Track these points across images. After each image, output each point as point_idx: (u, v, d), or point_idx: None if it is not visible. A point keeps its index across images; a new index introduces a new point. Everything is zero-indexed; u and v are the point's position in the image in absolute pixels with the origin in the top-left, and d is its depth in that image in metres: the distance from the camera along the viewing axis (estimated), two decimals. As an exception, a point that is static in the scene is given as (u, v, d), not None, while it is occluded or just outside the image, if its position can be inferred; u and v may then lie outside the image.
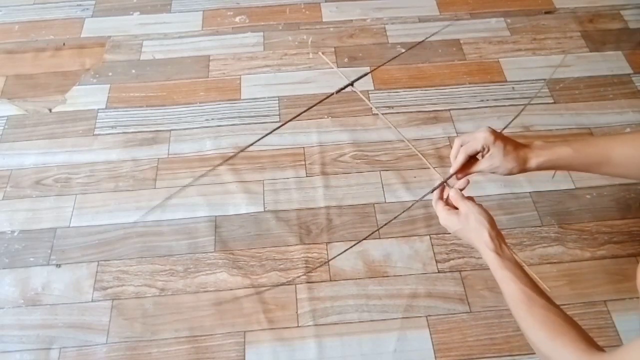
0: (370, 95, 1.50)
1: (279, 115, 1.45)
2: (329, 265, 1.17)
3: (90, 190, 1.30)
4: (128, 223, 1.24)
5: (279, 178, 1.33)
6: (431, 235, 1.22)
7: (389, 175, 1.33)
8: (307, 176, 1.33)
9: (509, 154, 0.76)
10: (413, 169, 1.34)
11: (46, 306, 1.13)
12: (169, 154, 1.38)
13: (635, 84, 1.52)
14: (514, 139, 0.78)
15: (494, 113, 1.45)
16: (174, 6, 1.75)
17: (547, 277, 1.15)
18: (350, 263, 1.18)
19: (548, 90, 1.51)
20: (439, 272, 1.17)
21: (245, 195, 1.29)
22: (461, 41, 1.64)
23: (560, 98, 1.49)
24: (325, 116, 1.45)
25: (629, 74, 1.55)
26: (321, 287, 1.15)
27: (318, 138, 1.40)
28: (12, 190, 1.31)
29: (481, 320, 1.10)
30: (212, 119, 1.45)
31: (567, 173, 1.31)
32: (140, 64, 1.58)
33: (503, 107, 1.47)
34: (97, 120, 1.44)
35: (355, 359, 1.06)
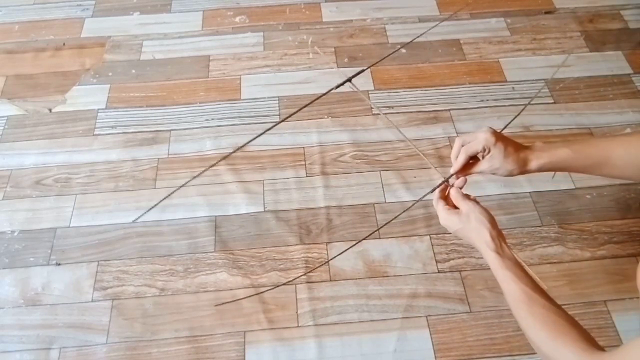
0: (370, 95, 1.50)
1: (279, 115, 1.45)
2: (329, 265, 1.17)
3: (90, 190, 1.30)
4: (128, 223, 1.24)
5: (279, 178, 1.33)
6: (431, 235, 1.22)
7: (389, 175, 1.33)
8: (307, 176, 1.33)
9: (510, 156, 0.76)
10: (413, 169, 1.34)
11: (46, 306, 1.13)
12: (169, 154, 1.38)
13: (635, 84, 1.52)
14: (515, 140, 0.78)
15: (494, 113, 1.45)
16: (174, 6, 1.75)
17: (547, 277, 1.15)
18: (350, 263, 1.18)
19: (548, 90, 1.51)
20: (439, 272, 1.17)
21: (245, 195, 1.29)
22: (461, 41, 1.64)
23: (560, 98, 1.49)
24: (325, 116, 1.45)
25: (629, 74, 1.55)
26: (321, 287, 1.15)
27: (318, 138, 1.40)
28: (12, 190, 1.31)
29: (481, 320, 1.10)
30: (212, 119, 1.45)
31: (567, 173, 1.31)
32: (140, 64, 1.58)
33: (503, 107, 1.47)
34: (97, 120, 1.44)
35: (355, 359, 1.06)
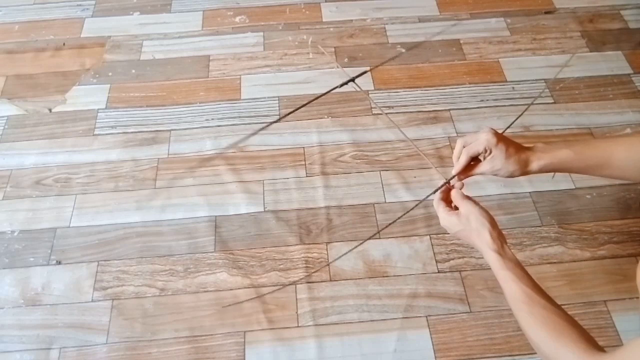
0: (370, 95, 1.49)
1: (279, 115, 1.45)
2: (329, 265, 1.17)
3: (90, 190, 1.30)
4: (128, 223, 1.24)
5: (279, 178, 1.33)
6: (431, 235, 1.22)
7: (389, 175, 1.33)
8: (307, 176, 1.33)
9: (511, 157, 0.76)
10: (413, 169, 1.34)
11: (46, 306, 1.13)
12: (169, 154, 1.37)
13: (635, 84, 1.52)
14: (516, 142, 0.78)
15: (494, 113, 1.45)
16: (174, 6, 1.75)
17: (547, 277, 1.15)
18: (350, 263, 1.18)
19: (548, 90, 1.51)
20: (439, 272, 1.17)
21: (245, 195, 1.29)
22: (461, 41, 1.64)
23: (560, 98, 1.49)
24: (325, 116, 1.45)
25: (629, 74, 1.54)
26: (321, 287, 1.15)
27: (318, 138, 1.40)
28: (12, 190, 1.31)
29: (481, 320, 1.10)
30: (212, 119, 1.45)
31: (567, 173, 1.31)
32: (140, 64, 1.58)
33: (503, 107, 1.47)
34: (97, 120, 1.44)
35: (355, 359, 1.06)
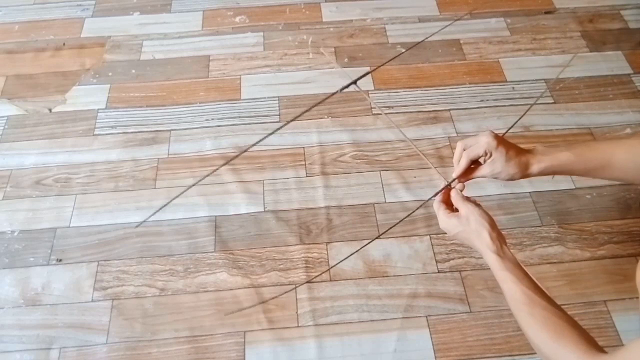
0: (370, 95, 1.50)
1: (279, 115, 1.45)
2: (329, 265, 1.17)
3: (90, 190, 1.30)
4: (128, 223, 1.24)
5: (279, 178, 1.33)
6: (431, 235, 1.22)
7: (389, 175, 1.33)
8: (307, 176, 1.33)
9: (511, 160, 0.75)
10: (413, 169, 1.34)
11: (46, 306, 1.13)
12: (169, 154, 1.37)
13: (635, 84, 1.52)
14: (516, 145, 0.78)
15: (494, 113, 1.45)
16: (174, 6, 1.75)
17: (547, 277, 1.15)
18: (351, 263, 1.18)
19: (548, 90, 1.51)
20: (439, 272, 1.17)
21: (245, 195, 1.29)
22: (461, 41, 1.64)
23: (560, 98, 1.49)
24: (325, 116, 1.45)
25: (629, 74, 1.54)
26: (321, 287, 1.15)
27: (318, 138, 1.40)
28: (12, 190, 1.31)
29: (481, 320, 1.10)
30: (212, 119, 1.45)
31: (568, 175, 1.31)
32: (140, 64, 1.58)
33: (503, 107, 1.47)
34: (97, 120, 1.44)
35: (355, 359, 1.06)
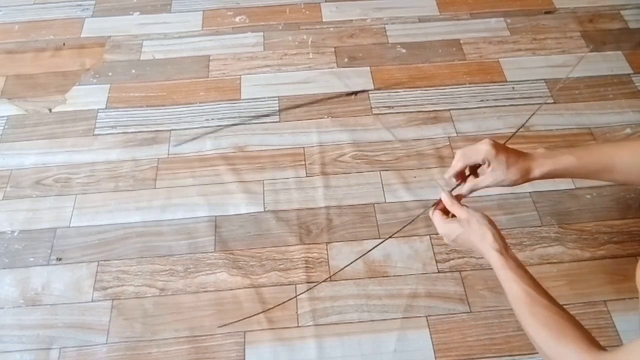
0: (370, 95, 1.50)
1: (279, 115, 1.45)
2: (329, 265, 1.17)
3: (90, 190, 1.30)
4: (128, 223, 1.24)
5: (279, 178, 1.33)
6: (431, 235, 1.22)
7: (389, 175, 1.33)
8: (307, 176, 1.33)
9: (512, 166, 0.75)
10: (413, 169, 1.34)
11: (46, 306, 1.13)
12: (169, 154, 1.38)
13: (635, 84, 1.52)
14: (516, 149, 0.77)
15: (494, 113, 1.45)
16: (174, 6, 1.75)
17: (547, 277, 1.15)
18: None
19: (548, 90, 1.51)
20: (439, 272, 1.17)
21: (245, 195, 1.29)
22: (461, 41, 1.64)
23: (560, 98, 1.49)
24: (325, 116, 1.45)
25: (629, 74, 1.54)
26: (321, 287, 1.14)
27: (318, 138, 1.40)
28: (12, 190, 1.31)
29: (481, 320, 1.10)
30: (212, 119, 1.45)
31: (570, 179, 1.30)
32: (140, 64, 1.58)
33: (503, 107, 1.47)
34: (97, 120, 1.44)
35: (355, 359, 1.06)
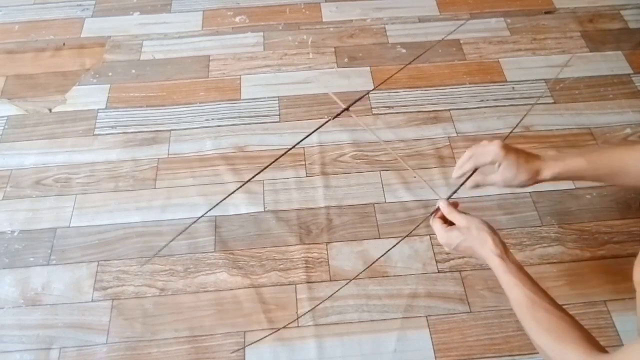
0: (370, 95, 1.49)
1: (279, 115, 1.45)
2: (329, 265, 1.17)
3: (90, 190, 1.30)
4: (128, 223, 1.24)
5: (279, 178, 1.32)
6: (431, 235, 1.22)
7: (389, 175, 1.33)
8: (307, 176, 1.33)
9: (521, 167, 0.75)
10: (413, 169, 1.34)
11: (46, 306, 1.13)
12: (169, 154, 1.37)
13: (635, 84, 1.52)
14: (526, 151, 0.77)
15: (494, 113, 1.45)
16: (174, 6, 1.75)
17: (547, 277, 1.15)
18: (351, 263, 1.18)
19: (548, 90, 1.51)
20: (439, 272, 1.17)
21: (245, 195, 1.29)
22: (461, 41, 1.64)
23: (560, 98, 1.49)
24: (325, 116, 1.45)
25: (629, 74, 1.54)
26: (321, 287, 1.15)
27: (318, 138, 1.40)
28: (12, 190, 1.31)
29: (481, 320, 1.10)
30: (212, 119, 1.45)
31: (580, 181, 1.30)
32: (140, 64, 1.58)
33: (503, 107, 1.47)
34: (97, 120, 1.44)
35: (355, 359, 1.06)
